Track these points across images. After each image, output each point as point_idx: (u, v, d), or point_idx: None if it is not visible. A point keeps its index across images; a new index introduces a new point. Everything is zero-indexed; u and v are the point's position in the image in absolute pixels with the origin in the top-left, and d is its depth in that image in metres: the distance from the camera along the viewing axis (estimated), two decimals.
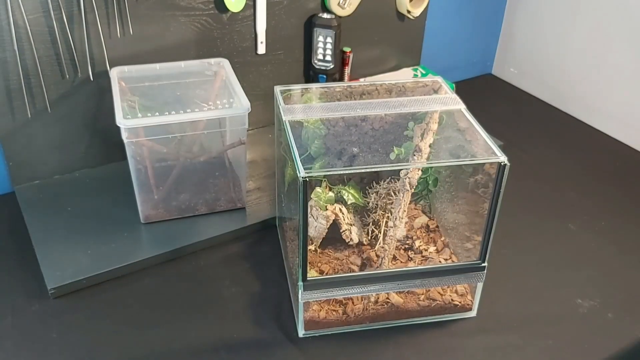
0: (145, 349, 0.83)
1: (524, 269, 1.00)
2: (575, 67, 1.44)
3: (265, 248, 1.01)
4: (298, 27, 1.24)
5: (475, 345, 0.86)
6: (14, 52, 0.98)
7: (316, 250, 0.90)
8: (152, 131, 0.94)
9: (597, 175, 1.24)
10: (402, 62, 1.45)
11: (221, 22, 1.15)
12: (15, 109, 1.03)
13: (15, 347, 0.83)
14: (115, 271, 0.94)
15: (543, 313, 0.91)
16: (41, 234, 0.99)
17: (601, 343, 0.87)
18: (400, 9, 1.35)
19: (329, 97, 0.91)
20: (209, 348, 0.84)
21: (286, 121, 0.83)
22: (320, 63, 1.27)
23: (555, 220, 1.11)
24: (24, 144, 1.07)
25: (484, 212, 0.81)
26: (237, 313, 0.89)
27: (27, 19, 0.96)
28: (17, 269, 0.95)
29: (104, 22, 1.03)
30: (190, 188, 1.03)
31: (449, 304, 0.89)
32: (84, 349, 0.83)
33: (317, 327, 0.86)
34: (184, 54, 1.13)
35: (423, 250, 0.93)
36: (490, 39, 1.62)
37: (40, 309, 0.88)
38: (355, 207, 0.90)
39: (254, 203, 1.08)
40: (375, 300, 0.88)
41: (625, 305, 0.93)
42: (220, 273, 0.96)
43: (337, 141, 0.80)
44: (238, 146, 1.01)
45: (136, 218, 1.02)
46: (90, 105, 1.09)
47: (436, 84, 0.94)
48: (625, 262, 1.02)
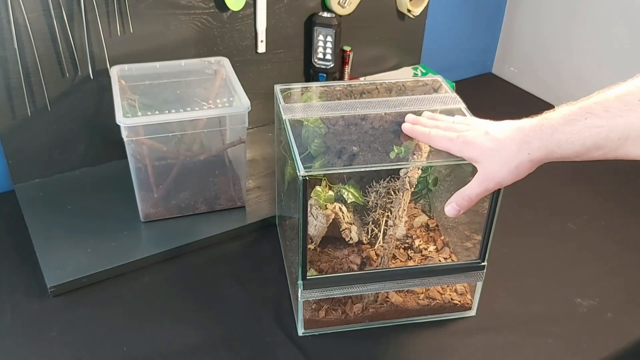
0: (145, 347, 0.83)
1: (524, 268, 1.00)
2: (576, 66, 1.44)
3: (265, 247, 1.01)
4: (298, 26, 1.24)
5: (474, 344, 0.86)
6: (14, 51, 0.98)
7: (316, 249, 0.90)
8: (152, 130, 0.94)
9: (597, 174, 1.24)
10: (402, 61, 1.45)
11: (221, 20, 1.15)
12: (15, 107, 1.03)
13: (15, 345, 0.83)
14: (115, 269, 0.94)
15: (543, 312, 0.91)
16: (41, 232, 0.99)
17: (600, 342, 0.87)
18: (401, 8, 1.35)
19: (329, 96, 0.91)
20: (209, 346, 0.84)
21: (286, 120, 0.83)
22: (321, 62, 1.27)
23: (555, 219, 1.11)
24: (24, 142, 1.07)
25: (483, 211, 0.81)
26: (236, 311, 0.89)
27: (28, 17, 0.96)
28: (16, 267, 0.95)
29: (104, 21, 1.03)
30: (190, 187, 1.03)
31: (449, 303, 0.89)
32: (83, 347, 0.83)
33: (317, 326, 0.86)
34: (184, 52, 1.13)
35: (423, 249, 0.93)
36: (490, 38, 1.62)
37: (40, 307, 0.88)
38: (355, 206, 0.90)
39: (254, 202, 1.08)
40: (374, 299, 0.88)
41: (624, 304, 0.93)
42: (220, 271, 0.96)
43: (337, 140, 0.80)
44: (238, 145, 1.01)
45: (136, 216, 1.02)
46: (90, 104, 1.09)
47: (436, 83, 0.94)
48: (625, 261, 1.02)
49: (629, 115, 0.63)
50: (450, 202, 0.75)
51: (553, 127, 0.68)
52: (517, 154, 0.69)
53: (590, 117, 0.65)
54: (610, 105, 0.64)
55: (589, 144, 0.65)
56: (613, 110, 0.64)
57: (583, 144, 0.65)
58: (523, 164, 0.70)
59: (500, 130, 0.73)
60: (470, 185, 0.73)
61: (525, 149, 0.69)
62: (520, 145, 0.69)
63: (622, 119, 0.63)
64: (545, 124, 0.68)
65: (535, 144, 0.68)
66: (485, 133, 0.73)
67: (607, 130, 0.64)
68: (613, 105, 0.64)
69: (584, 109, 0.66)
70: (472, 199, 0.73)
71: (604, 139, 0.64)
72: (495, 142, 0.71)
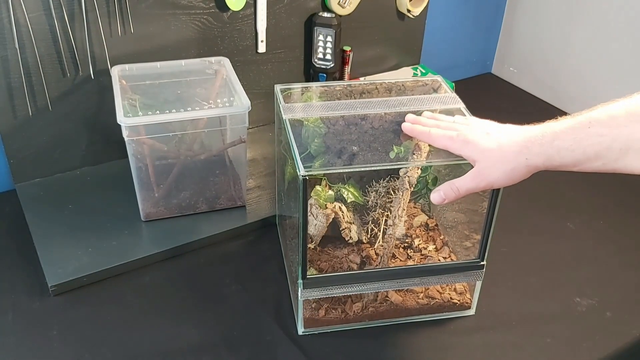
0: (145, 346, 0.83)
1: (523, 267, 1.00)
2: (575, 66, 1.45)
3: (265, 246, 1.02)
4: (298, 26, 1.24)
5: (473, 343, 0.86)
6: (15, 50, 0.98)
7: (316, 248, 0.90)
8: (152, 129, 0.94)
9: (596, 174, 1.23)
10: (402, 61, 1.45)
11: (222, 20, 1.15)
12: (16, 107, 1.03)
13: (16, 344, 0.83)
14: (115, 268, 0.94)
15: (541, 311, 0.92)
16: (42, 231, 0.99)
17: (599, 342, 0.87)
18: (401, 8, 1.35)
19: (329, 95, 0.91)
20: (209, 345, 0.84)
21: (286, 120, 0.83)
22: (321, 62, 1.27)
23: (554, 219, 1.11)
24: (25, 141, 1.07)
25: (483, 210, 0.82)
26: (236, 310, 0.89)
27: (28, 17, 0.96)
28: (18, 266, 0.95)
29: (105, 21, 1.03)
30: (190, 186, 1.03)
31: (448, 302, 0.89)
32: (84, 346, 0.83)
33: (317, 325, 0.86)
34: (185, 52, 1.14)
35: (422, 248, 0.93)
36: (490, 38, 1.63)
37: (41, 306, 0.89)
38: (355, 206, 0.90)
39: (254, 201, 1.08)
40: (374, 299, 0.88)
41: (623, 304, 0.94)
42: (220, 271, 0.96)
43: (337, 140, 0.80)
44: (238, 144, 1.01)
45: (137, 216, 1.02)
46: (91, 104, 1.09)
47: (436, 83, 0.94)
48: (624, 261, 1.02)
49: (634, 127, 0.62)
50: (438, 189, 0.75)
51: (555, 133, 0.67)
52: (515, 158, 0.69)
53: (594, 126, 0.65)
54: (616, 115, 0.64)
55: (589, 153, 0.65)
56: (618, 120, 0.63)
57: (584, 152, 0.65)
58: (519, 169, 0.70)
59: (502, 133, 0.73)
60: (462, 178, 0.73)
61: (525, 154, 0.69)
62: (520, 149, 0.69)
63: (627, 129, 0.62)
64: (548, 131, 0.68)
65: (535, 150, 0.68)
66: (487, 134, 0.73)
67: (610, 139, 0.63)
68: (619, 115, 0.63)
69: (588, 118, 0.66)
70: (461, 192, 0.73)
71: (606, 149, 0.64)
72: (496, 143, 0.71)
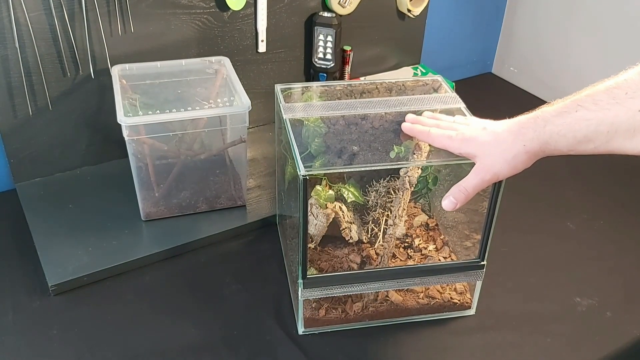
0: (145, 345, 0.84)
1: (523, 267, 1.00)
2: (575, 66, 1.45)
3: (265, 246, 1.02)
4: (299, 26, 1.24)
5: (474, 343, 0.86)
6: (15, 50, 0.98)
7: (316, 248, 0.90)
8: (153, 129, 0.94)
9: (596, 174, 1.24)
10: (402, 60, 1.45)
11: (222, 20, 1.15)
12: (16, 106, 1.03)
13: (16, 343, 0.83)
14: (115, 268, 0.94)
15: (542, 311, 0.92)
16: (42, 231, 0.99)
17: (599, 341, 0.87)
18: (401, 8, 1.35)
19: (329, 95, 0.91)
20: (209, 345, 0.84)
21: (286, 119, 0.83)
22: (321, 61, 1.27)
23: (554, 219, 1.11)
24: (25, 141, 1.07)
25: (483, 210, 0.82)
26: (237, 310, 0.89)
27: (29, 16, 0.96)
28: (18, 265, 0.95)
29: (105, 20, 1.03)
30: (190, 186, 1.03)
31: (448, 302, 0.89)
32: (84, 346, 0.83)
33: (317, 325, 0.86)
34: (185, 52, 1.14)
35: (422, 248, 0.93)
36: (490, 38, 1.63)
37: (41, 306, 0.89)
38: (355, 206, 0.90)
39: (254, 201, 1.08)
40: (374, 298, 0.88)
41: (623, 304, 0.94)
42: (221, 270, 0.96)
43: (337, 139, 0.80)
44: (238, 144, 1.01)
45: (137, 215, 1.02)
46: (91, 103, 1.09)
47: (436, 82, 0.94)
48: (624, 261, 1.02)
49: (616, 109, 0.63)
50: (447, 195, 0.75)
51: (546, 119, 0.69)
52: (513, 145, 0.71)
53: (580, 110, 0.66)
54: (599, 98, 0.65)
55: (579, 137, 0.66)
56: (601, 103, 0.64)
57: (574, 136, 0.66)
58: (519, 156, 0.71)
59: (498, 125, 0.74)
60: (466, 178, 0.74)
61: (521, 140, 0.70)
62: (515, 136, 0.71)
63: (610, 112, 0.63)
64: (540, 116, 0.70)
65: (529, 135, 0.70)
66: (483, 128, 0.75)
67: (596, 123, 0.64)
68: (601, 98, 0.64)
69: (575, 102, 0.67)
70: (469, 191, 0.74)
71: (594, 132, 0.65)
72: (493, 135, 0.73)
